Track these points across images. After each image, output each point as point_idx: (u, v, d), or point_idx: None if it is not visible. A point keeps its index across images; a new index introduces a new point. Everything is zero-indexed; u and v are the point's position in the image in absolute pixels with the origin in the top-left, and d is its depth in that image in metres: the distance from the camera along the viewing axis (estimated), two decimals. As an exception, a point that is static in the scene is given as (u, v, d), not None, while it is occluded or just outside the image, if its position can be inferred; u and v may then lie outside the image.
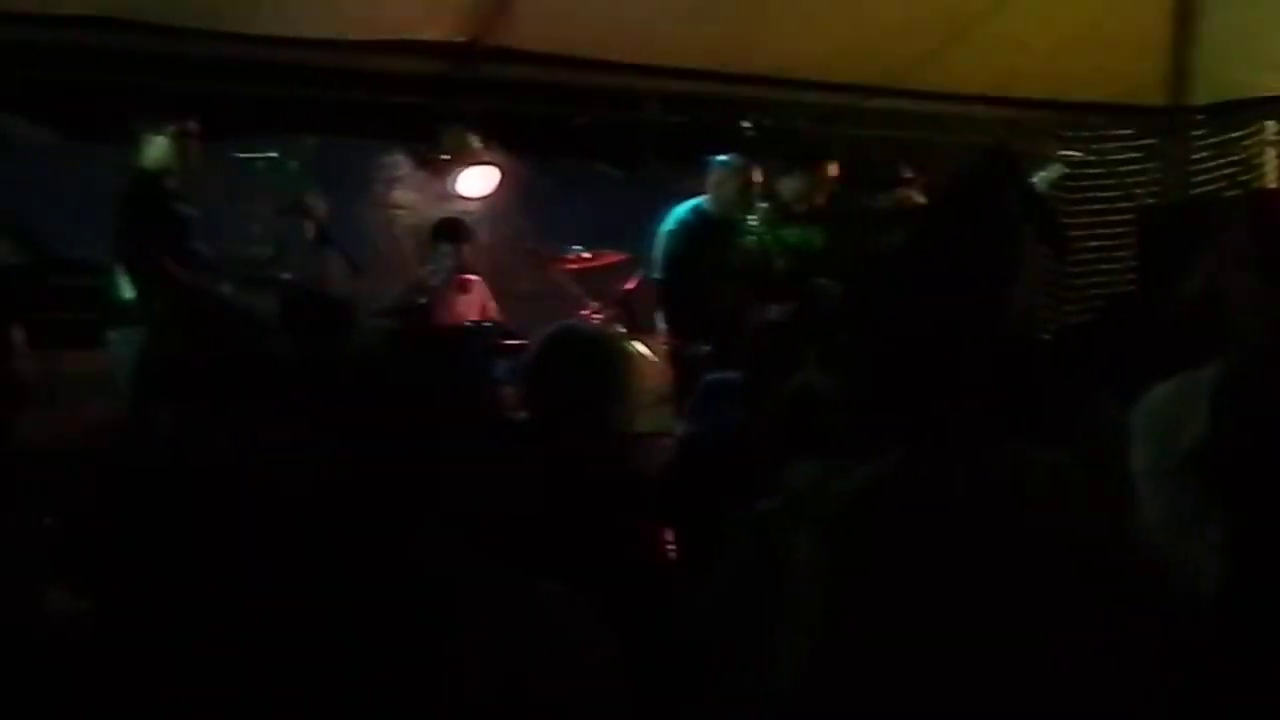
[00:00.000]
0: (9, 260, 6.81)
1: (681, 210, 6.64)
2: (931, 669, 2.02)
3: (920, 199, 7.26)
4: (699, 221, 6.56)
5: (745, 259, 6.27)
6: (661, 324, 6.74)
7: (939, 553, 2.05)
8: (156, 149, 5.50)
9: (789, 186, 6.86)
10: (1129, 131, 9.72)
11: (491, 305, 7.19)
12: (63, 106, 7.19)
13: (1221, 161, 9.48)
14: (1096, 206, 9.68)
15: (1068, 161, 9.27)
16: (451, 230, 6.96)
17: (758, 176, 6.55)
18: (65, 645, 3.46)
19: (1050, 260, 8.96)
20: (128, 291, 5.48)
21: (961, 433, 2.15)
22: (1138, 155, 9.81)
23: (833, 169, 6.86)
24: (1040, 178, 7.36)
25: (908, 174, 7.30)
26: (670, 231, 6.59)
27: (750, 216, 6.33)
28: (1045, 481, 2.16)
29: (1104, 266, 9.86)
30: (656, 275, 6.61)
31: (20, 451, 4.19)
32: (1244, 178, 9.32)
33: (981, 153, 5.87)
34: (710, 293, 6.28)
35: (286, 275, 5.83)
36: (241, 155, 6.44)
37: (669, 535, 4.88)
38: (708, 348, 6.25)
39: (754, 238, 6.29)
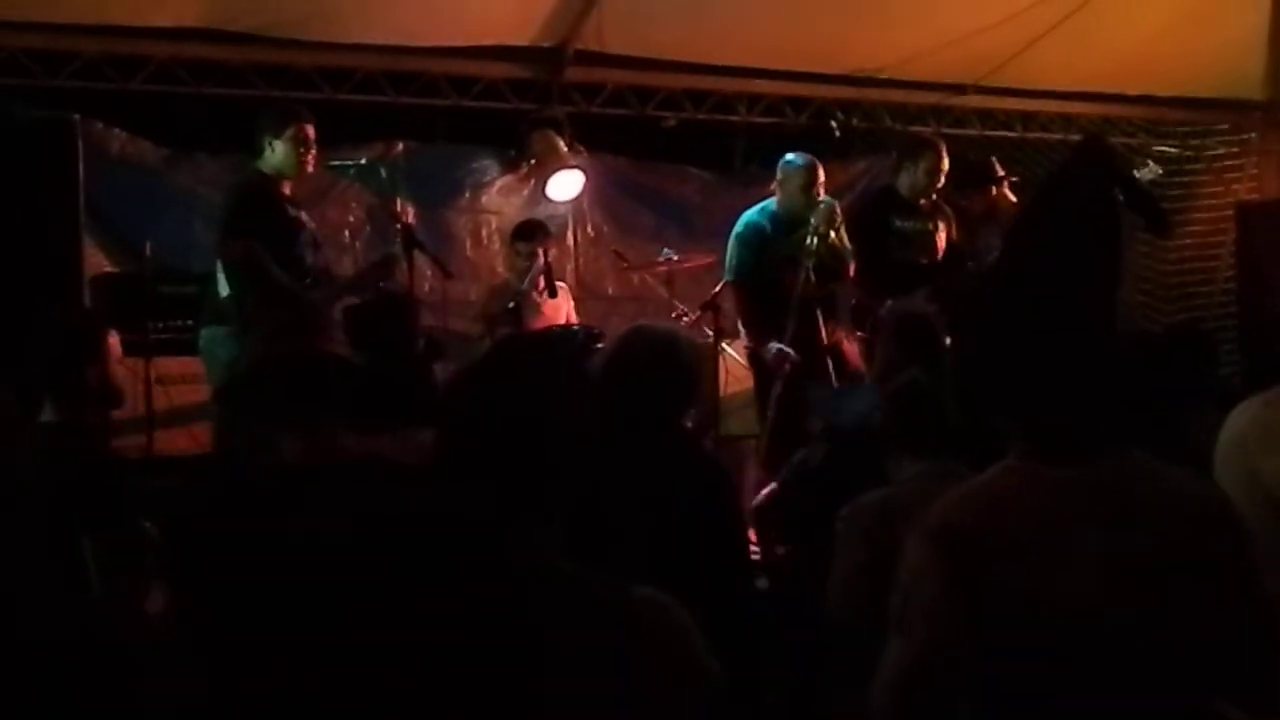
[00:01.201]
0: (113, 270, 6.97)
1: (751, 214, 6.64)
2: (1042, 683, 2.01)
3: (1012, 198, 7.16)
4: (768, 223, 6.56)
5: (809, 256, 6.22)
6: (739, 327, 6.74)
7: (1052, 567, 2.02)
8: (276, 153, 5.55)
9: (905, 182, 6.80)
10: (1225, 126, 9.53)
11: (571, 311, 7.21)
12: (161, 118, 7.37)
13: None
14: (1193, 203, 9.50)
15: (1163, 157, 9.15)
16: (529, 231, 6.99)
17: (822, 174, 6.52)
18: (164, 645, 3.56)
19: (1153, 242, 8.84)
20: (223, 289, 5.54)
21: (1074, 442, 2.12)
22: (1235, 150, 9.62)
23: (945, 160, 6.79)
24: (1138, 175, 7.22)
25: (1001, 172, 7.21)
26: (739, 234, 6.59)
27: (813, 215, 6.29)
28: (1166, 502, 2.10)
29: (1201, 264, 9.70)
30: (729, 278, 6.62)
31: (119, 457, 4.32)
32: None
33: (1076, 146, 5.78)
34: (779, 291, 6.27)
35: (381, 284, 5.89)
36: (332, 163, 6.51)
37: (751, 535, 4.90)
38: (780, 347, 6.24)
39: (814, 236, 6.25)
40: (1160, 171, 7.42)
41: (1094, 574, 2.02)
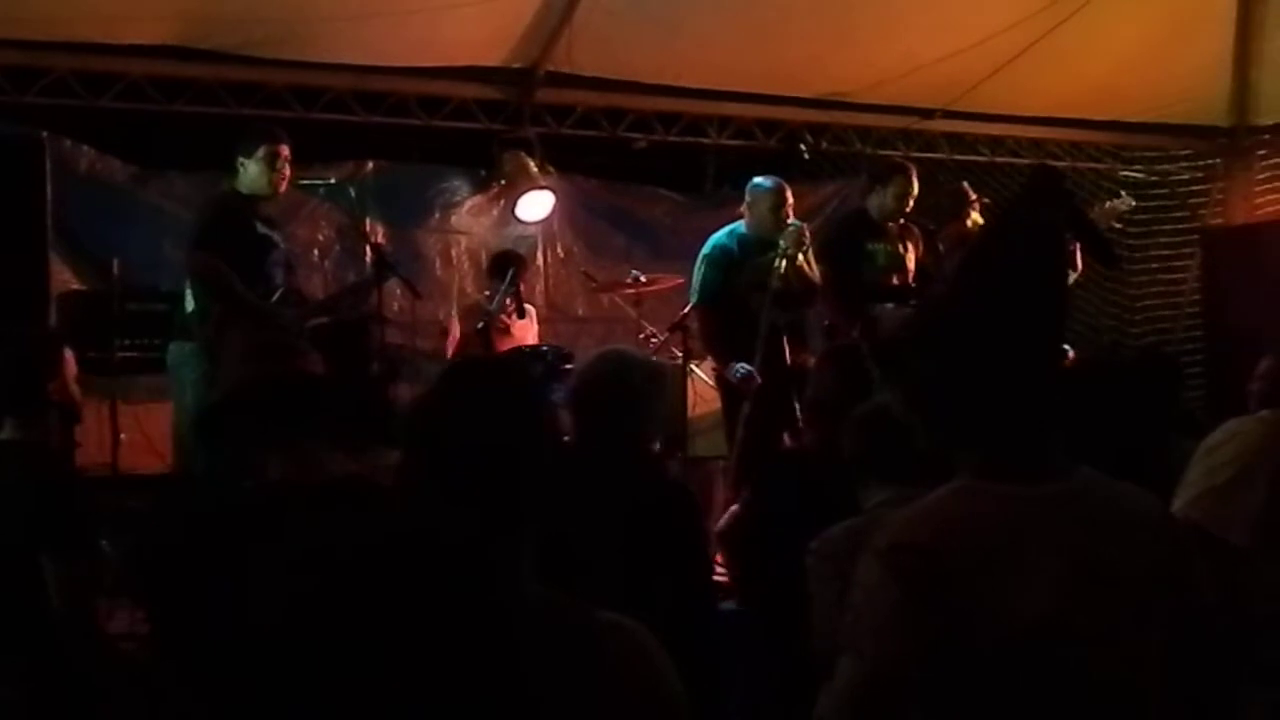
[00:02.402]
0: (81, 288, 6.94)
1: (719, 236, 6.67)
2: (996, 699, 2.03)
3: (980, 221, 7.22)
4: (735, 244, 6.59)
5: (777, 280, 6.26)
6: (704, 349, 6.77)
7: (1005, 583, 2.04)
8: (249, 172, 5.58)
9: (875, 204, 6.85)
10: (1190, 152, 9.64)
11: (536, 333, 7.23)
12: (131, 136, 7.36)
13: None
14: (1159, 227, 9.60)
15: (1129, 182, 9.24)
16: (507, 262, 7.02)
17: (790, 197, 6.56)
18: (125, 662, 3.55)
19: (1101, 276, 8.94)
20: (189, 304, 5.56)
21: (1026, 461, 2.15)
22: (1200, 175, 9.72)
23: (915, 184, 6.85)
24: (1109, 207, 7.30)
25: (972, 196, 7.26)
26: (706, 256, 6.62)
27: (781, 238, 6.32)
28: (1116, 516, 2.13)
29: (1167, 287, 9.79)
30: (695, 300, 6.64)
31: (81, 477, 4.30)
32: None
33: (1028, 177, 5.86)
34: (746, 313, 6.30)
35: (356, 307, 5.90)
36: (302, 182, 6.51)
37: (716, 558, 4.91)
38: (747, 368, 6.26)
39: (783, 258, 6.28)
40: (1133, 203, 7.47)
41: (1047, 588, 2.03)
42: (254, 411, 2.99)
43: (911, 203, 6.80)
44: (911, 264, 6.92)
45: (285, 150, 5.64)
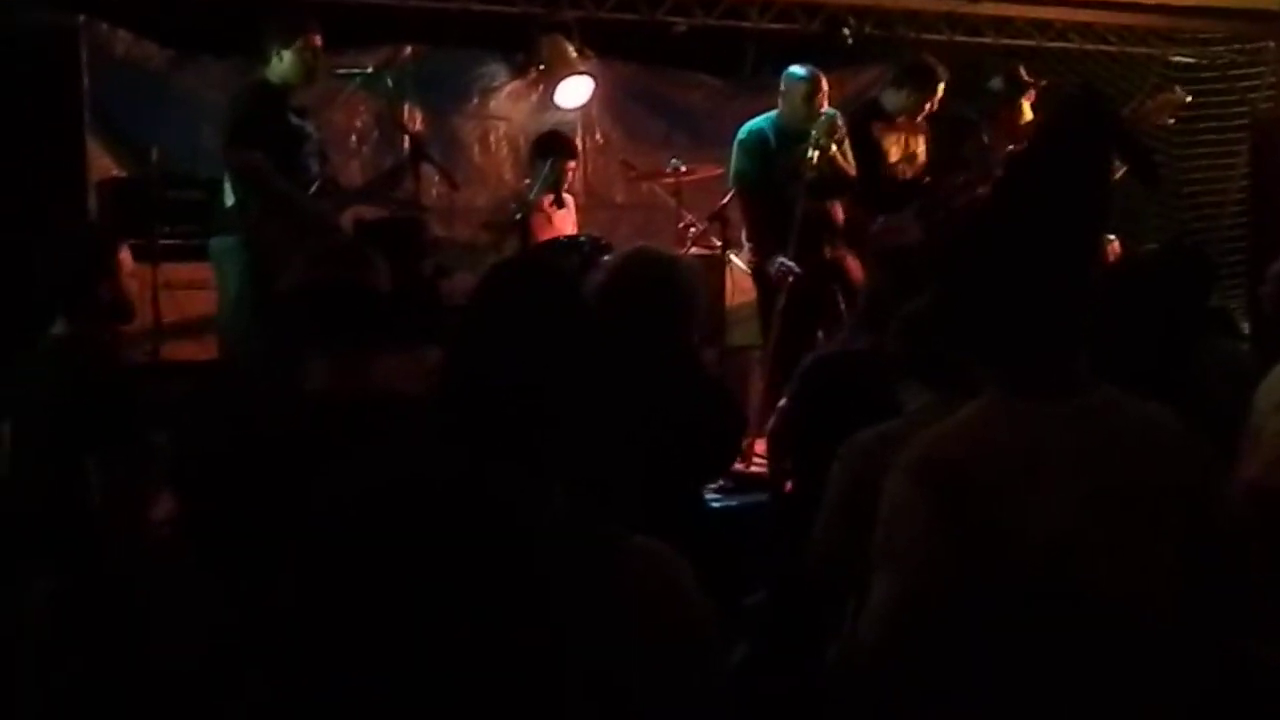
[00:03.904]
0: (120, 175, 6.95)
1: (755, 121, 6.60)
2: (1025, 611, 2.06)
3: (1029, 115, 7.09)
4: (771, 132, 6.52)
5: (810, 170, 6.20)
6: (743, 238, 6.74)
7: (1031, 498, 2.06)
8: (283, 63, 5.55)
9: (892, 99, 6.77)
10: (1242, 35, 9.40)
11: (575, 222, 7.19)
12: (167, 19, 7.29)
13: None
14: (1209, 113, 9.40)
15: (1178, 65, 9.06)
16: (553, 145, 6.96)
17: (825, 86, 6.47)
18: (167, 552, 3.62)
19: (1166, 151, 8.82)
20: (229, 198, 5.57)
21: (1052, 378, 2.16)
22: (1252, 61, 9.50)
23: (940, 88, 6.76)
24: (1162, 100, 7.18)
25: (1027, 79, 7.14)
26: (741, 141, 6.55)
27: (814, 127, 6.25)
28: (1137, 434, 2.17)
29: (1214, 174, 9.63)
30: (732, 185, 6.59)
31: (129, 371, 4.35)
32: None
33: (1071, 94, 5.77)
34: (783, 204, 6.25)
35: (394, 193, 5.89)
36: (339, 71, 6.45)
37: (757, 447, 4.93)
38: (787, 263, 6.23)
39: (815, 149, 6.22)
40: (1188, 98, 7.32)
41: (1068, 504, 2.07)
42: (311, 315, 3.01)
43: (931, 106, 6.73)
44: (923, 157, 6.85)
45: (319, 40, 5.61)
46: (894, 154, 6.81)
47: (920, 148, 6.91)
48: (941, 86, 6.73)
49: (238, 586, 2.71)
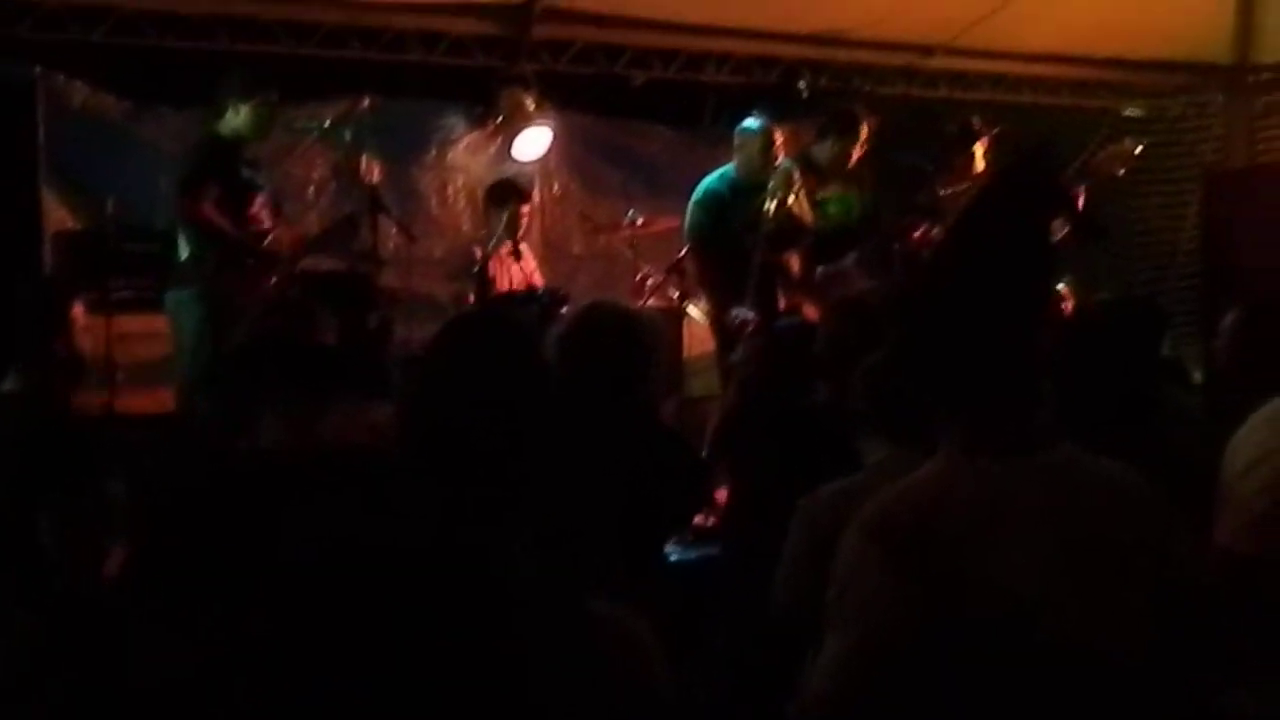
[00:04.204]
0: (75, 227, 6.91)
1: (709, 180, 6.67)
2: (983, 671, 2.05)
3: (980, 165, 7.17)
4: (726, 188, 6.58)
5: (770, 221, 6.26)
6: (701, 292, 6.79)
7: (991, 557, 2.06)
8: (239, 116, 5.59)
9: (821, 151, 6.85)
10: (1191, 89, 9.56)
11: (535, 273, 7.20)
12: (126, 71, 7.28)
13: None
14: (1160, 165, 9.53)
15: (1130, 119, 9.18)
16: (507, 193, 6.98)
17: (779, 138, 6.54)
18: (125, 598, 3.56)
19: (1121, 204, 8.94)
20: (183, 251, 5.58)
21: (1009, 435, 2.16)
22: (1201, 114, 9.65)
23: (864, 133, 6.87)
24: (1115, 150, 7.28)
25: (979, 128, 7.22)
26: (697, 201, 6.62)
27: (771, 179, 6.32)
28: (1097, 490, 2.17)
29: (1166, 224, 9.75)
30: (688, 243, 6.64)
31: (82, 425, 4.31)
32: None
33: (1021, 152, 5.87)
34: (739, 256, 6.30)
35: (350, 244, 5.89)
36: (297, 125, 6.47)
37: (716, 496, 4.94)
38: (746, 313, 6.27)
39: (773, 200, 6.27)
40: (1140, 148, 7.41)
41: (1030, 562, 2.07)
42: (258, 370, 3.00)
43: (858, 154, 6.82)
44: (859, 206, 7.00)
45: (276, 96, 5.66)
46: (832, 209, 6.90)
47: (855, 197, 7.00)
48: (864, 130, 6.83)
49: (192, 645, 2.67)
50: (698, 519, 5.10)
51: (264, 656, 1.83)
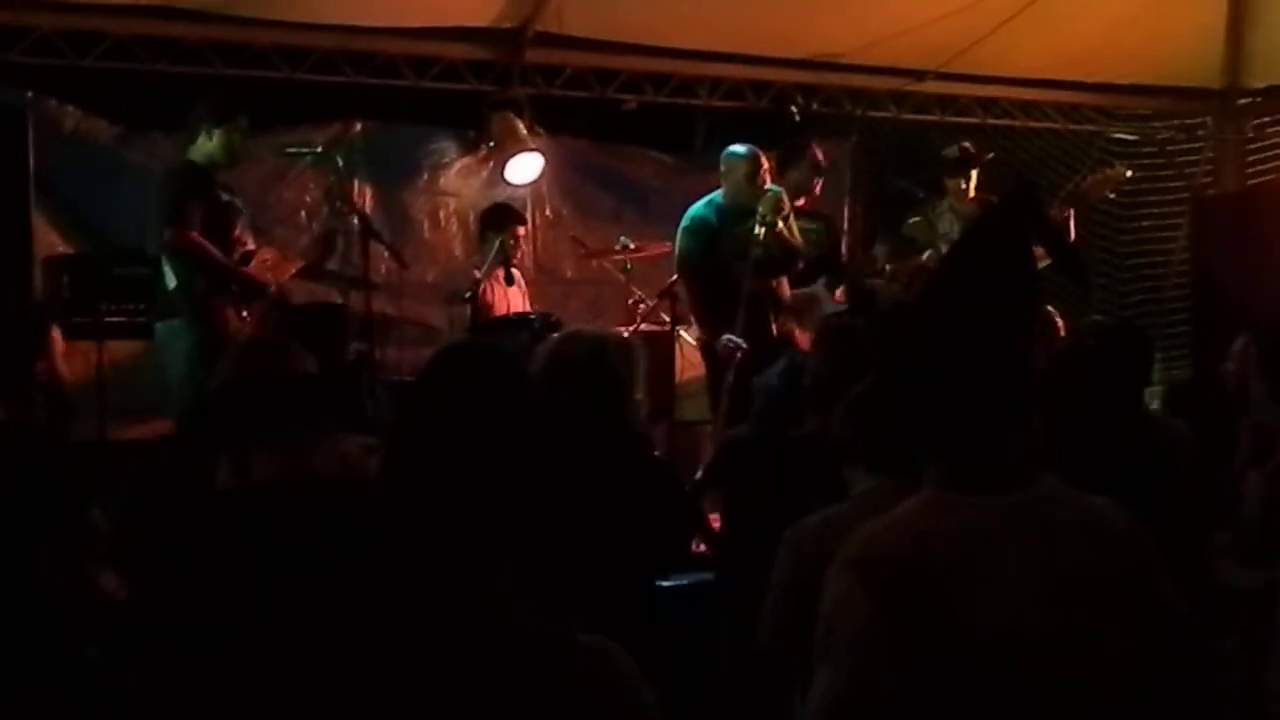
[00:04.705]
0: (66, 252, 6.90)
1: (697, 207, 6.69)
2: (972, 707, 2.05)
3: (971, 195, 7.19)
4: (714, 214, 6.59)
5: (757, 246, 6.29)
6: (691, 318, 6.80)
7: (977, 593, 2.05)
8: (212, 142, 5.61)
9: (790, 180, 6.88)
10: (1181, 113, 9.60)
11: (526, 299, 7.21)
12: (118, 96, 7.29)
13: (1277, 143, 9.38)
14: (1150, 188, 9.57)
15: (1120, 143, 9.23)
16: (502, 218, 7.00)
17: (766, 164, 6.57)
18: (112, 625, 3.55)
19: (1112, 225, 8.99)
20: (170, 281, 5.59)
21: (993, 471, 2.16)
22: (1191, 138, 9.69)
23: (821, 155, 6.93)
24: (1104, 176, 7.32)
25: (973, 152, 7.26)
26: (685, 228, 6.63)
27: (759, 204, 6.34)
28: (1081, 526, 2.17)
29: (1157, 247, 9.78)
30: (678, 269, 6.65)
31: (71, 452, 4.29)
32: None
33: (1006, 189, 5.92)
34: (728, 282, 6.32)
35: (333, 268, 5.89)
36: (289, 150, 6.48)
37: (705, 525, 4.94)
38: (736, 340, 6.28)
39: (761, 225, 6.30)
40: (1129, 173, 7.45)
41: (1016, 598, 2.06)
42: (241, 411, 2.99)
43: (818, 181, 6.88)
44: (830, 232, 7.22)
45: (242, 120, 5.72)
46: (812, 238, 6.96)
47: (823, 225, 7.10)
48: (816, 156, 6.88)
49: (177, 682, 2.67)
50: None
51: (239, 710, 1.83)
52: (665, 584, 4.70)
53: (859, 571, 2.10)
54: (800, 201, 6.99)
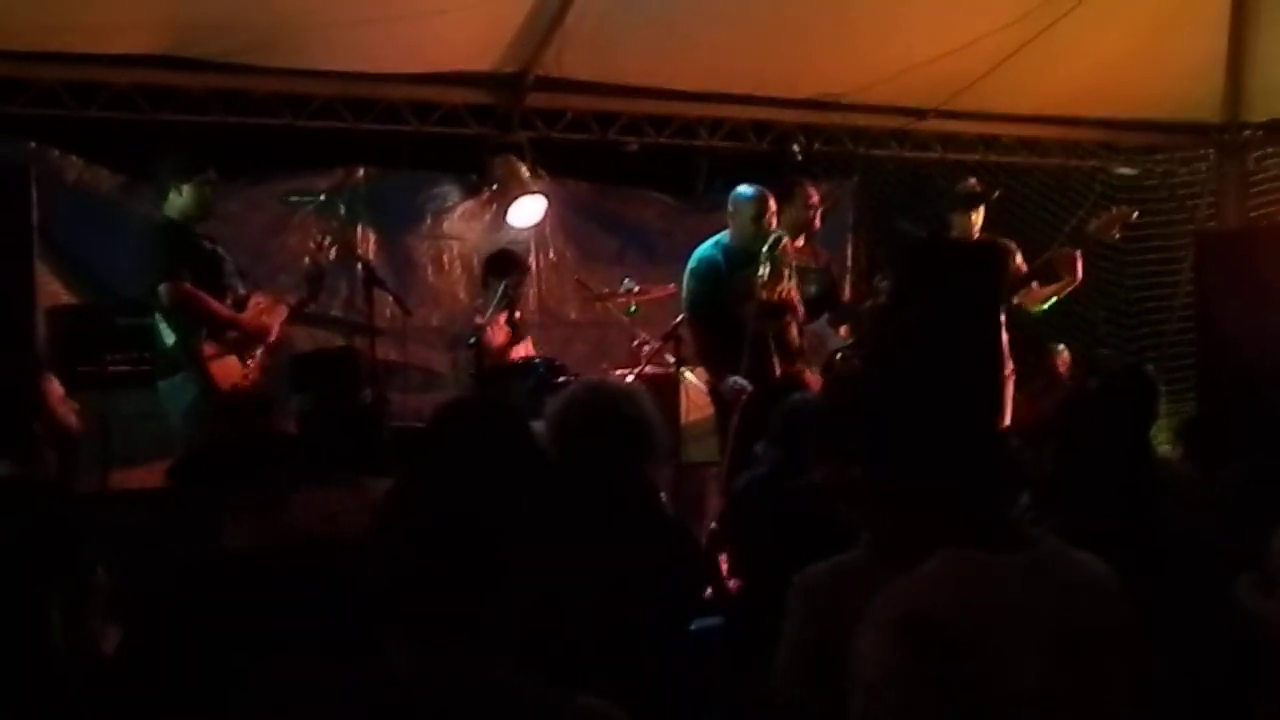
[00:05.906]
0: (70, 302, 6.90)
1: (704, 248, 6.69)
2: None
3: (976, 231, 7.18)
4: (722, 256, 6.59)
5: (763, 288, 6.29)
6: (696, 360, 6.79)
7: (1009, 652, 2.04)
8: (183, 197, 5.66)
9: (786, 219, 6.88)
10: (1183, 148, 9.62)
11: (529, 343, 7.19)
12: (120, 146, 7.30)
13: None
14: (1153, 222, 9.57)
15: (1121, 179, 9.24)
16: (506, 264, 6.99)
17: (773, 205, 6.57)
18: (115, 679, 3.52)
19: (1116, 259, 8.98)
20: (167, 338, 5.61)
21: (996, 529, 2.15)
22: (1193, 173, 9.70)
23: (812, 194, 6.94)
24: (1111, 215, 7.31)
25: (979, 190, 7.25)
26: (692, 270, 6.63)
27: (764, 247, 6.35)
28: (1083, 583, 2.17)
29: (1161, 282, 9.78)
30: (684, 312, 6.64)
31: (76, 506, 4.27)
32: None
33: (971, 250, 5.96)
34: (734, 324, 6.31)
35: (337, 313, 5.89)
36: (292, 198, 6.48)
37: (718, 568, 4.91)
38: (742, 382, 6.26)
39: (765, 267, 6.30)
40: (1136, 214, 7.44)
41: (1035, 655, 2.06)
42: (218, 472, 2.98)
43: (813, 218, 6.88)
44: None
45: (211, 174, 5.74)
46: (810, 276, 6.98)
47: (820, 265, 7.13)
48: (808, 194, 6.85)
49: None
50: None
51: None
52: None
53: (905, 634, 2.05)
54: (800, 240, 6.98)
